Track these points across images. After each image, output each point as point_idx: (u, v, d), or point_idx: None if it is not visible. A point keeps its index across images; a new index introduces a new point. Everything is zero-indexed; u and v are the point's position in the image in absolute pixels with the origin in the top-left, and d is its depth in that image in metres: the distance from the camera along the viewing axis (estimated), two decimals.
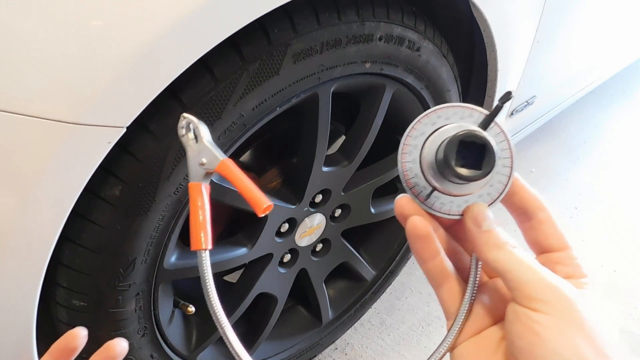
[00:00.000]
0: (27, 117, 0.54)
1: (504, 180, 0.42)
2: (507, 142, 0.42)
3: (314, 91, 0.82)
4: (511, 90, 0.42)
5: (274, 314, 1.13)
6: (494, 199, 0.42)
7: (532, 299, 0.37)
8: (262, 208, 0.47)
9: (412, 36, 0.89)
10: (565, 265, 0.41)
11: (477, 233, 0.41)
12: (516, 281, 0.38)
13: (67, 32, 0.53)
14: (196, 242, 0.47)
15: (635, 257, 1.82)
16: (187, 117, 0.48)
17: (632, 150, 2.38)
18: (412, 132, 0.42)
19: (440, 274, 0.43)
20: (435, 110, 0.41)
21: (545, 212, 0.43)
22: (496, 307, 0.42)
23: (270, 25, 0.70)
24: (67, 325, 0.78)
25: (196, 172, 0.48)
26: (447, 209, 0.42)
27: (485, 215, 0.41)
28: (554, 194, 2.08)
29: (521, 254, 0.39)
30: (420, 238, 0.42)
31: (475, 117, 0.41)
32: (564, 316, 0.36)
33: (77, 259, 0.71)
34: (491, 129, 0.41)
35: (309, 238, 1.07)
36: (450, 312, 0.43)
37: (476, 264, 0.43)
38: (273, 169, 1.01)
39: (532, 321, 0.37)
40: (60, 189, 0.59)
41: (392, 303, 1.56)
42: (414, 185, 0.42)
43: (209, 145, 0.48)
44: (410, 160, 0.42)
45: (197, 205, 0.47)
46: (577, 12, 1.31)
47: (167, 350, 0.94)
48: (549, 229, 0.43)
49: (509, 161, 0.41)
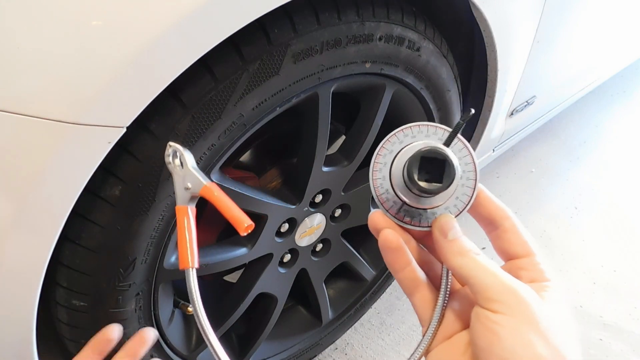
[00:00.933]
0: (27, 117, 0.54)
1: (469, 192, 0.44)
2: (471, 157, 0.45)
3: (314, 91, 0.82)
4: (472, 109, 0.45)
5: (274, 314, 1.13)
6: (460, 210, 0.45)
7: (491, 301, 0.39)
8: (244, 227, 0.51)
9: (412, 36, 0.89)
10: (528, 270, 0.44)
11: (443, 242, 0.44)
12: (478, 285, 0.40)
13: (67, 31, 0.53)
14: (184, 261, 0.50)
15: (635, 257, 1.82)
16: (172, 146, 0.52)
17: (632, 150, 2.38)
18: (381, 151, 0.45)
19: (412, 282, 0.46)
20: (402, 129, 0.45)
21: (509, 221, 0.45)
22: (466, 313, 0.44)
23: (270, 25, 0.70)
24: (67, 325, 0.78)
25: (182, 195, 0.52)
26: (416, 221, 0.45)
27: (451, 225, 0.44)
28: (554, 194, 2.08)
29: (483, 260, 0.42)
30: (391, 250, 0.45)
31: (439, 134, 0.44)
32: (520, 316, 0.38)
33: (77, 259, 0.71)
34: (455, 145, 0.44)
35: (309, 238, 1.07)
36: (424, 319, 0.45)
37: (447, 272, 0.45)
38: (273, 169, 1.02)
39: (491, 321, 0.39)
40: (60, 189, 0.59)
41: (392, 303, 1.56)
42: (385, 200, 0.45)
43: (193, 171, 0.52)
44: (380, 177, 0.45)
45: (184, 227, 0.51)
46: (577, 12, 1.31)
47: (167, 350, 0.94)
48: (514, 237, 0.45)
49: (472, 174, 0.44)
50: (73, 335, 0.79)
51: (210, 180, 0.51)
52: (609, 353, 1.50)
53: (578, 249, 1.84)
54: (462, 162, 0.44)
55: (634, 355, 1.50)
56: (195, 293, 0.47)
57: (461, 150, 0.44)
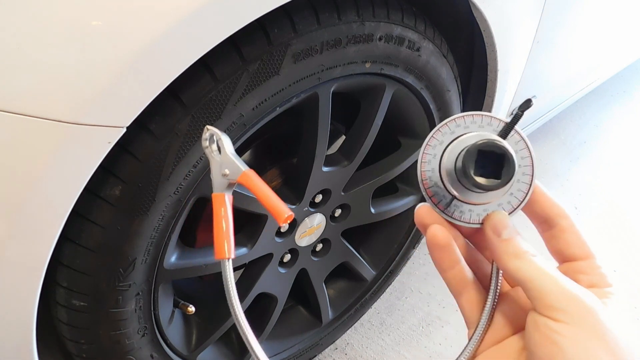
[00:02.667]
0: (27, 117, 0.54)
1: (525, 188, 0.42)
2: (528, 150, 0.41)
3: (314, 91, 0.82)
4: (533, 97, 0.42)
5: (274, 314, 1.13)
6: (514, 207, 0.42)
7: (552, 309, 0.37)
8: (284, 218, 0.47)
9: (412, 36, 0.89)
10: (588, 274, 0.41)
11: (497, 242, 0.40)
12: (536, 290, 0.38)
13: (67, 31, 0.53)
14: (220, 251, 0.47)
15: (635, 257, 1.82)
16: (210, 129, 0.50)
17: (632, 150, 2.38)
18: (431, 142, 0.42)
19: (460, 282, 0.43)
20: (454, 119, 0.41)
21: (567, 219, 0.42)
22: (517, 317, 0.41)
23: (270, 25, 0.70)
24: (67, 325, 0.78)
25: (219, 182, 0.49)
26: (466, 217, 0.42)
27: (505, 223, 0.41)
28: (554, 194, 2.07)
29: (542, 262, 0.39)
30: (440, 247, 0.42)
31: (494, 126, 0.41)
32: (584, 326, 0.36)
33: (77, 259, 0.71)
34: (511, 137, 0.41)
35: (309, 238, 1.07)
36: (471, 321, 0.43)
37: (497, 273, 0.42)
38: (273, 169, 1.01)
39: (552, 331, 0.36)
40: (60, 189, 0.59)
41: (392, 303, 1.56)
42: (433, 194, 0.42)
43: (231, 157, 0.49)
44: (429, 169, 0.42)
45: (220, 215, 0.48)
46: (577, 12, 1.31)
47: (167, 350, 0.94)
48: (571, 237, 0.42)
49: (529, 169, 0.41)
50: (73, 335, 0.79)
51: (248, 167, 0.48)
52: None
53: None
54: (518, 155, 0.40)
55: None
56: (231, 284, 0.45)
57: (517, 142, 0.41)
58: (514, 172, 0.38)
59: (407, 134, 1.11)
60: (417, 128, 1.09)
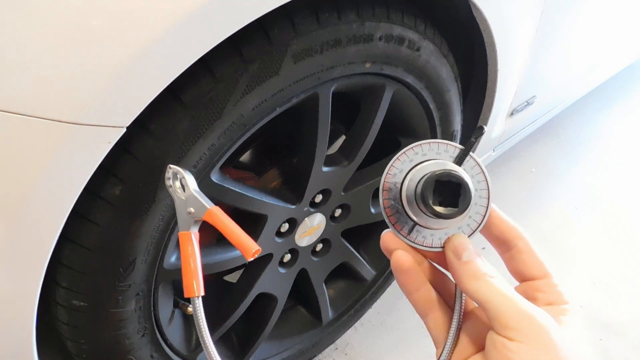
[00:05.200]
0: (27, 117, 0.54)
1: (482, 211, 0.43)
2: (483, 175, 0.43)
3: (314, 91, 0.82)
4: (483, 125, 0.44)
5: (274, 314, 1.13)
6: (473, 230, 0.44)
7: (507, 328, 0.38)
8: (251, 253, 0.49)
9: (412, 36, 0.89)
10: (545, 292, 0.42)
11: (457, 264, 0.42)
12: (494, 310, 0.39)
13: (67, 31, 0.53)
14: (189, 290, 0.48)
15: (635, 257, 1.82)
16: (172, 168, 0.50)
17: (632, 151, 2.38)
18: (391, 170, 0.43)
19: (425, 304, 0.45)
20: (413, 147, 0.43)
21: (523, 241, 0.44)
22: (481, 335, 0.43)
23: (270, 25, 0.70)
24: (67, 325, 0.78)
25: (185, 221, 0.50)
26: (428, 242, 0.44)
27: (465, 246, 0.43)
28: (554, 194, 2.08)
29: (499, 284, 0.40)
30: (404, 271, 0.44)
31: (450, 152, 0.43)
32: (537, 344, 0.37)
33: (77, 259, 0.71)
34: (467, 162, 0.43)
35: (309, 238, 1.07)
36: (438, 340, 0.44)
37: (460, 294, 0.44)
38: (273, 169, 1.01)
39: (507, 349, 0.38)
40: (60, 189, 0.59)
41: (392, 303, 1.56)
42: (396, 221, 0.44)
43: (196, 194, 0.49)
44: (391, 197, 0.44)
45: (188, 254, 0.49)
46: (577, 12, 1.31)
47: (167, 350, 0.94)
48: (529, 257, 0.44)
49: (485, 192, 0.43)
50: (73, 335, 0.79)
51: (213, 204, 0.49)
52: (609, 353, 1.50)
53: (578, 248, 1.84)
54: (474, 180, 0.42)
55: (634, 355, 1.50)
56: (201, 322, 0.46)
57: (473, 167, 0.43)
58: (470, 200, 0.40)
59: (407, 134, 1.11)
60: (417, 128, 1.09)
